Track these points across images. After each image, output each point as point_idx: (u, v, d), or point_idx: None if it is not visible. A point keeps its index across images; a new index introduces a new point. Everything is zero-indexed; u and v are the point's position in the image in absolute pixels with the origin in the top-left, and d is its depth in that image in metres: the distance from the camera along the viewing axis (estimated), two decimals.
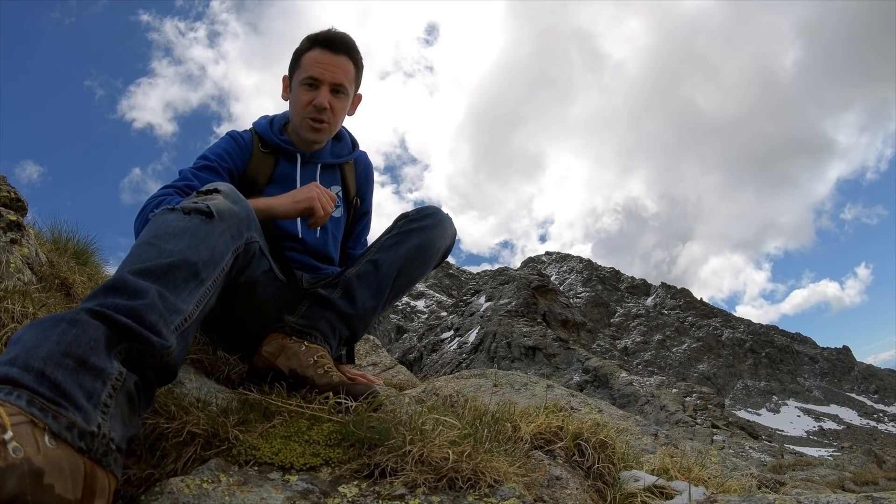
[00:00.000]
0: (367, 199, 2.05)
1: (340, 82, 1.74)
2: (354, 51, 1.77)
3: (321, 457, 1.09)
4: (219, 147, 1.78)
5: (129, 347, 0.92)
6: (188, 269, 1.08)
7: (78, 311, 0.90)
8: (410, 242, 1.69)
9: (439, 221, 1.75)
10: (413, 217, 1.74)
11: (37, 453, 0.70)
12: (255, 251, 1.39)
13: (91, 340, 0.86)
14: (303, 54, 1.76)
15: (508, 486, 1.05)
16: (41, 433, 0.73)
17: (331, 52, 1.73)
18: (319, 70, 1.71)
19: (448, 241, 1.81)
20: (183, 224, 1.15)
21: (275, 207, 1.54)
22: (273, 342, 1.50)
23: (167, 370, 1.00)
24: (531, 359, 37.35)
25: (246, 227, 1.31)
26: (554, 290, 54.71)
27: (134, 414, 0.92)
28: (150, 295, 0.98)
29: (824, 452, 41.57)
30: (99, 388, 0.84)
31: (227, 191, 1.32)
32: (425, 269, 1.77)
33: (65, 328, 0.86)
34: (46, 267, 2.07)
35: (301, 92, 1.74)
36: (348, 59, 1.76)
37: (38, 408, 0.75)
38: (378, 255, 1.67)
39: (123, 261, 1.07)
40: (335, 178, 1.93)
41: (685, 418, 24.98)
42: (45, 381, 0.78)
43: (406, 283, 1.73)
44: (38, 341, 0.83)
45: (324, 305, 1.59)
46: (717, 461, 2.63)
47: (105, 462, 0.80)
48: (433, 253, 1.75)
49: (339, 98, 1.76)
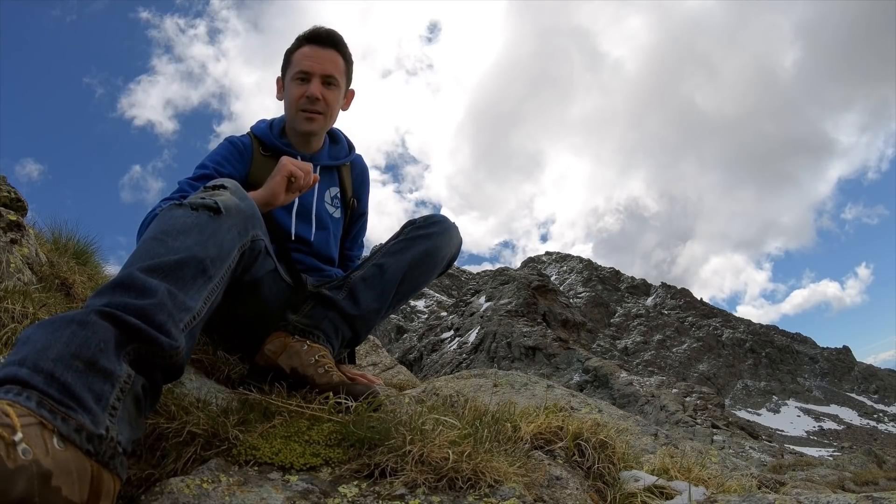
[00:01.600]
0: (364, 200, 2.08)
1: (330, 73, 1.76)
2: (342, 45, 1.81)
3: (321, 457, 1.09)
4: (217, 154, 1.79)
5: (138, 349, 0.92)
6: (196, 266, 1.08)
7: (87, 312, 0.90)
8: (416, 249, 1.72)
9: (446, 230, 1.79)
10: (420, 224, 1.77)
11: (45, 455, 0.70)
12: (260, 249, 1.39)
13: (101, 342, 0.86)
14: (293, 53, 1.80)
15: (508, 486, 1.05)
16: (50, 435, 0.73)
17: (319, 47, 1.77)
18: (309, 63, 1.75)
19: (454, 250, 1.84)
20: (191, 220, 1.15)
21: (262, 196, 1.54)
22: (276, 341, 1.51)
23: (174, 370, 1.00)
24: (531, 359, 37.36)
25: (252, 225, 1.32)
26: (554, 290, 54.72)
27: (140, 416, 0.93)
28: (160, 294, 0.98)
29: (824, 452, 41.58)
30: (108, 390, 0.84)
31: (233, 187, 1.32)
32: (430, 275, 1.79)
33: (75, 329, 0.85)
34: (46, 267, 2.07)
35: (293, 87, 1.77)
36: (337, 53, 1.79)
37: (47, 409, 0.75)
38: (384, 259, 1.70)
39: (131, 256, 1.07)
40: (333, 180, 1.96)
41: (685, 418, 24.98)
42: (55, 382, 0.78)
43: (410, 289, 1.75)
44: (48, 342, 0.82)
45: (328, 306, 1.60)
46: (717, 461, 2.62)
47: (111, 465, 0.81)
48: (438, 260, 1.78)
49: (330, 90, 1.78)
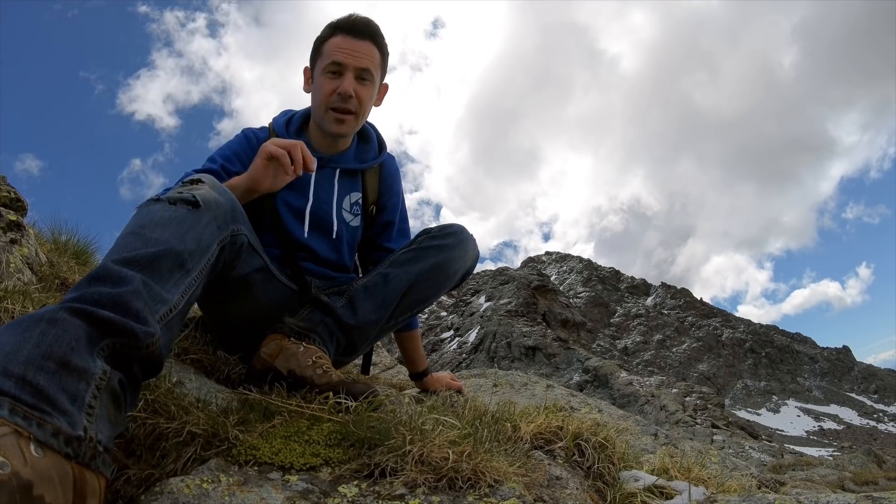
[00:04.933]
0: (391, 207, 1.89)
1: (366, 67, 1.62)
2: (379, 36, 1.67)
3: (321, 457, 1.09)
4: (229, 149, 1.69)
5: (113, 343, 0.89)
6: (174, 259, 1.06)
7: (57, 310, 0.86)
8: (427, 260, 1.65)
9: (461, 241, 1.70)
10: (435, 234, 1.69)
11: (24, 465, 0.68)
12: (242, 243, 1.35)
13: (72, 340, 0.82)
14: (324, 42, 1.66)
15: (508, 486, 1.05)
16: (27, 443, 0.70)
17: (354, 38, 1.62)
18: (343, 55, 1.61)
19: (468, 264, 1.75)
20: (169, 214, 1.13)
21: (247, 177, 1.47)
22: (271, 343, 1.49)
23: (153, 362, 0.96)
24: (531, 359, 37.33)
25: (232, 219, 1.29)
26: (554, 289, 54.70)
27: (120, 412, 0.90)
28: (135, 282, 0.95)
29: (824, 452, 41.56)
30: (83, 389, 0.81)
31: (211, 182, 1.29)
32: (440, 289, 1.71)
33: (44, 328, 0.82)
34: (46, 267, 2.07)
35: (324, 80, 1.63)
36: (373, 45, 1.65)
37: (21, 416, 0.72)
38: (390, 268, 1.64)
39: (109, 250, 1.05)
40: (355, 185, 1.80)
41: (685, 418, 24.97)
42: (27, 386, 0.75)
43: (417, 301, 1.68)
44: (17, 344, 0.79)
45: (325, 311, 1.57)
46: (717, 461, 2.62)
47: (93, 465, 0.78)
48: (450, 273, 1.69)
49: (364, 85, 1.64)
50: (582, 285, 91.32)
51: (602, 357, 41.94)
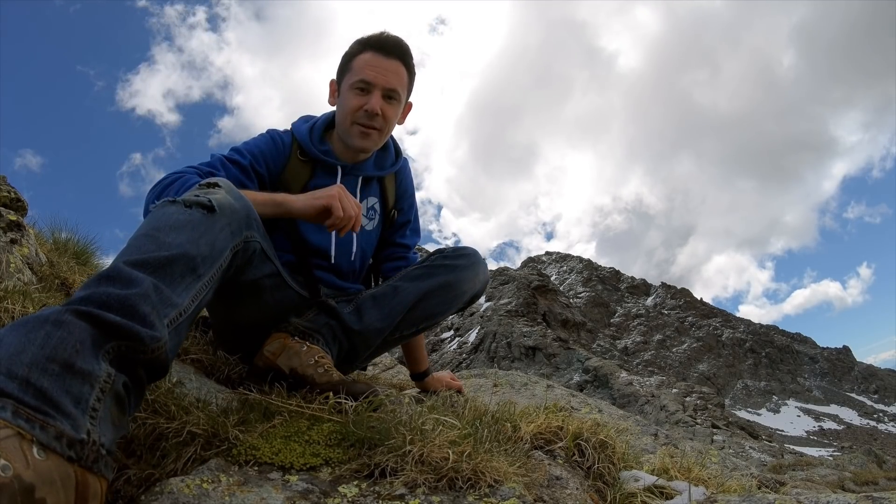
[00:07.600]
0: (406, 208, 1.96)
1: (394, 87, 1.65)
2: (408, 56, 1.69)
3: (321, 457, 1.09)
4: (256, 147, 1.68)
5: (118, 346, 0.88)
6: (186, 264, 1.06)
7: (62, 311, 0.85)
8: (437, 278, 1.69)
9: (473, 264, 1.75)
10: (448, 254, 1.74)
11: (26, 468, 0.68)
12: (254, 250, 1.36)
13: (76, 342, 0.82)
14: (353, 57, 1.67)
15: (508, 486, 1.05)
16: (29, 445, 0.70)
17: (384, 56, 1.64)
18: (372, 74, 1.63)
19: (478, 287, 1.79)
20: (184, 217, 1.12)
21: (292, 202, 1.47)
22: (275, 342, 1.50)
23: (158, 365, 0.95)
24: (531, 359, 37.34)
25: (246, 225, 1.29)
26: (554, 290, 54.69)
27: (123, 415, 0.89)
28: (145, 285, 0.95)
29: (824, 452, 41.56)
30: (87, 392, 0.80)
31: (227, 186, 1.30)
32: (448, 307, 1.74)
33: (49, 330, 0.81)
34: (46, 267, 2.08)
35: (351, 96, 1.65)
36: (401, 64, 1.67)
37: (24, 419, 0.71)
38: (401, 282, 1.68)
39: (121, 251, 1.04)
40: (373, 190, 1.85)
41: (685, 418, 24.97)
42: (31, 388, 0.74)
43: (424, 317, 1.70)
44: (22, 345, 0.78)
45: (330, 314, 1.60)
46: (717, 461, 2.62)
47: (95, 468, 0.78)
48: (459, 293, 1.73)
49: (391, 105, 1.67)
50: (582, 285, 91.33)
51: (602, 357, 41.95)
